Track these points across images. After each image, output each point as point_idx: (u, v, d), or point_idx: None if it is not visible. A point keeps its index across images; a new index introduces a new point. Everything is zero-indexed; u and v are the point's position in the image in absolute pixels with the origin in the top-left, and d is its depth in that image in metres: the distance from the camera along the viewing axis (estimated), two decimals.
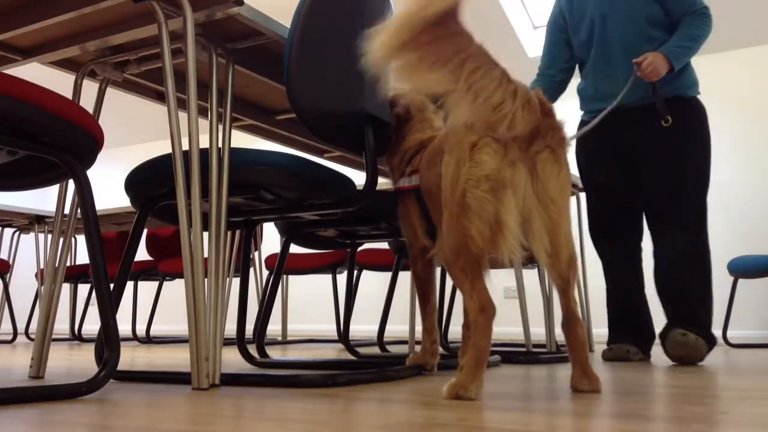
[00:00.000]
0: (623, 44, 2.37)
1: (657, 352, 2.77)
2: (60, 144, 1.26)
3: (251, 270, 4.68)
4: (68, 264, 2.17)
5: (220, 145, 1.51)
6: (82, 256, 6.16)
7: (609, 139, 2.44)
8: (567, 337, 1.34)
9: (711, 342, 2.23)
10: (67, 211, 1.77)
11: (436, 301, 1.82)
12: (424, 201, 1.60)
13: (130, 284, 5.44)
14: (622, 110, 2.34)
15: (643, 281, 2.49)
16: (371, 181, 1.58)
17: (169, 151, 1.42)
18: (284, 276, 4.65)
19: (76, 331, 4.79)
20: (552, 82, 2.61)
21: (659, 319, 2.35)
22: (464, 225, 1.19)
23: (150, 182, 1.56)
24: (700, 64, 4.71)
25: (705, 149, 2.34)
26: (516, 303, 4.99)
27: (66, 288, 5.73)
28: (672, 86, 2.32)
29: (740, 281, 3.94)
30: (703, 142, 2.34)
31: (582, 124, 2.55)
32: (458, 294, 4.85)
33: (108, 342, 1.24)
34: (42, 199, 7.51)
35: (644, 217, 2.47)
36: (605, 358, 2.43)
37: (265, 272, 4.46)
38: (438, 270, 2.77)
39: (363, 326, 5.51)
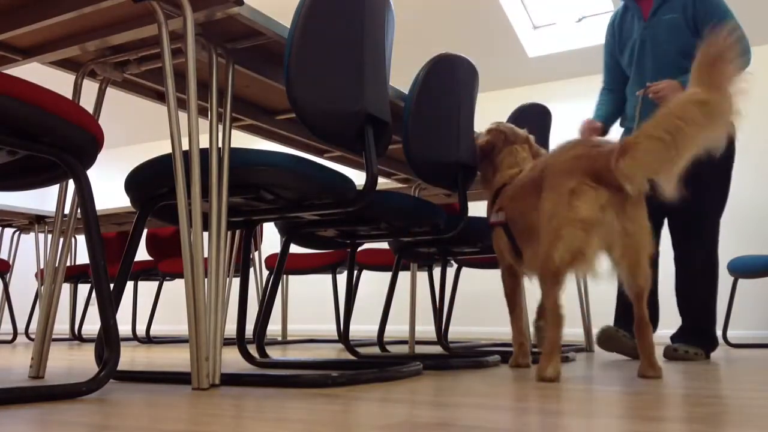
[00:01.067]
0: (656, 71, 2.55)
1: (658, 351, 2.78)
2: (60, 144, 1.26)
3: (251, 270, 4.68)
4: (68, 264, 2.17)
5: (220, 145, 1.51)
6: (82, 256, 6.15)
7: None
8: (638, 335, 1.67)
9: (713, 346, 2.55)
10: (67, 211, 1.77)
11: (522, 308, 2.13)
12: (509, 230, 1.89)
13: (130, 284, 5.44)
14: None
15: (657, 283, 2.59)
16: (371, 181, 1.58)
17: (169, 151, 1.42)
18: (284, 276, 4.65)
19: (76, 331, 4.79)
20: (619, 98, 2.81)
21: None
22: (552, 250, 1.53)
23: (150, 182, 1.56)
24: None
25: (727, 174, 2.54)
26: None
27: (66, 288, 5.73)
28: None
29: (740, 281, 3.94)
30: (727, 167, 2.53)
31: None
32: (457, 296, 4.85)
33: (108, 342, 1.24)
34: (42, 199, 7.50)
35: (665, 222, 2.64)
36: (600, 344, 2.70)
37: (265, 272, 4.46)
38: (444, 277, 2.81)
39: (363, 326, 5.51)
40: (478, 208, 4.96)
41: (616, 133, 3.17)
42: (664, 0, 2.58)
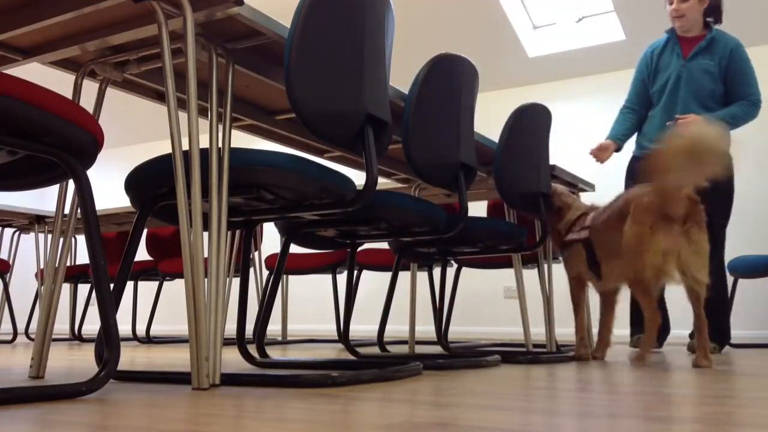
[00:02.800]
0: (685, 106, 3.00)
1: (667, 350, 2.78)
2: (60, 144, 1.26)
3: (251, 270, 4.68)
4: (68, 264, 2.17)
5: (220, 145, 1.51)
6: (82, 256, 6.16)
7: None
8: (697, 332, 2.12)
9: (726, 341, 3.04)
10: (67, 211, 1.77)
11: (584, 308, 2.61)
12: (587, 245, 2.42)
13: (130, 284, 5.44)
14: None
15: (664, 290, 3.01)
16: (371, 181, 1.58)
17: (169, 151, 1.42)
18: (284, 276, 4.65)
19: (76, 331, 4.79)
20: (638, 119, 3.26)
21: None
22: (643, 269, 2.09)
23: (150, 182, 1.56)
24: None
25: (731, 191, 2.99)
26: (516, 303, 4.99)
27: (66, 288, 5.73)
28: None
29: (740, 281, 3.94)
30: (731, 186, 3.00)
31: (634, 158, 3.22)
32: (457, 296, 4.81)
33: (108, 342, 1.24)
34: (42, 199, 7.51)
35: None
36: (632, 345, 3.17)
37: (265, 272, 4.46)
38: (444, 277, 2.83)
39: (363, 326, 5.51)
40: (478, 208, 4.98)
41: (628, 148, 3.30)
42: (706, 46, 3.01)
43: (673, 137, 1.99)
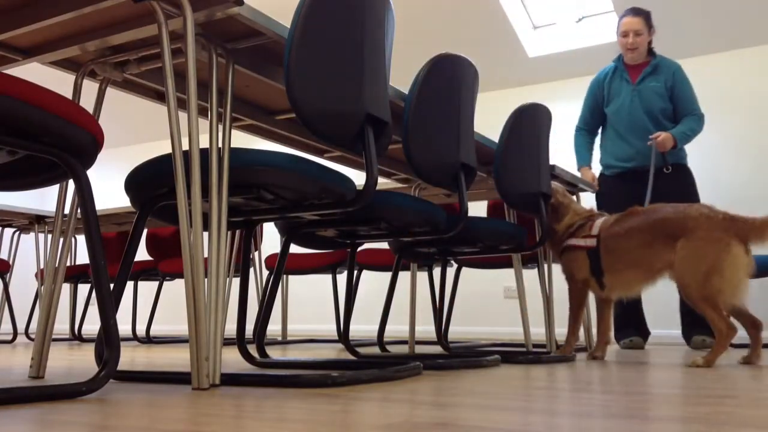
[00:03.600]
0: (641, 125, 3.46)
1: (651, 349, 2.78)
2: (60, 144, 1.26)
3: (251, 270, 4.68)
4: (68, 264, 2.17)
5: (220, 145, 1.51)
6: (82, 256, 6.16)
7: (629, 187, 3.49)
8: (753, 337, 2.39)
9: None
10: (67, 211, 1.77)
11: (583, 312, 2.63)
12: (591, 253, 2.49)
13: (130, 284, 5.44)
14: (640, 170, 3.47)
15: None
16: (371, 181, 1.58)
17: (169, 151, 1.42)
18: (284, 276, 4.65)
19: (76, 331, 4.79)
20: (594, 134, 3.76)
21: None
22: (720, 285, 2.21)
23: (150, 182, 1.56)
24: (702, 63, 4.72)
25: (695, 196, 3.45)
26: (516, 303, 4.99)
27: (66, 288, 5.73)
28: (677, 155, 3.47)
29: None
30: (695, 191, 3.47)
31: (604, 177, 3.64)
32: (457, 296, 4.80)
33: (108, 342, 1.24)
34: (42, 199, 7.51)
35: None
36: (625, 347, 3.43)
37: (265, 272, 4.45)
38: (444, 277, 2.84)
39: (363, 326, 5.51)
40: (478, 208, 4.97)
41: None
42: (652, 71, 3.48)
43: None
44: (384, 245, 4.11)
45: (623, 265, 2.40)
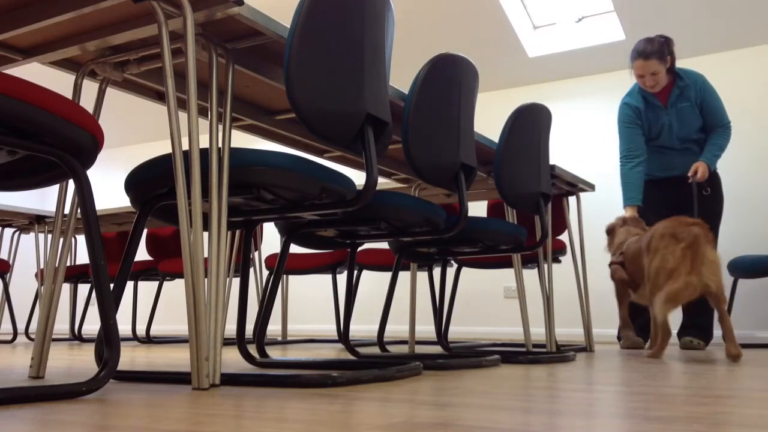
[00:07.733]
0: (680, 139, 3.54)
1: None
2: (60, 144, 1.26)
3: (251, 270, 4.68)
4: (68, 264, 2.17)
5: (220, 145, 1.51)
6: (82, 256, 6.16)
7: (664, 193, 3.62)
8: (722, 326, 2.50)
9: (710, 338, 3.38)
10: (67, 211, 1.77)
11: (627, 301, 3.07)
12: (623, 265, 2.97)
13: (130, 284, 5.44)
14: (675, 179, 3.55)
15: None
16: (371, 181, 1.58)
17: (169, 151, 1.42)
18: (284, 276, 4.65)
19: (76, 331, 4.78)
20: (644, 163, 3.66)
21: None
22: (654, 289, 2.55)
23: (150, 182, 1.56)
24: (702, 63, 4.72)
25: (722, 201, 3.52)
26: (516, 303, 4.99)
27: (66, 288, 5.73)
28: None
29: (740, 281, 3.93)
30: (722, 196, 3.53)
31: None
32: (457, 296, 4.81)
33: (108, 342, 1.24)
34: (42, 199, 7.51)
35: None
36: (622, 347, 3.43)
37: (265, 272, 4.45)
38: (444, 277, 2.86)
39: (363, 326, 5.51)
40: (478, 208, 4.95)
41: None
42: (679, 93, 3.47)
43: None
44: (384, 245, 4.11)
45: (641, 281, 2.75)
